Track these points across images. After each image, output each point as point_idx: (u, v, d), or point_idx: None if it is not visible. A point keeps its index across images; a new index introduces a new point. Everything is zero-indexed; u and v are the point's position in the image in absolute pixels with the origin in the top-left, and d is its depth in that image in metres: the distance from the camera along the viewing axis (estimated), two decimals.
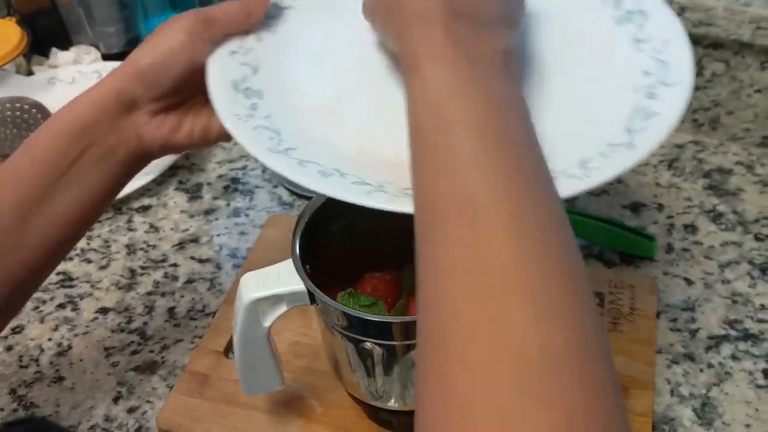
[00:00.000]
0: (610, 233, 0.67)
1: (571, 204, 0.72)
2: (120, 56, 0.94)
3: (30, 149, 0.45)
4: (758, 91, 0.75)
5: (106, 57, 0.94)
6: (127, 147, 0.47)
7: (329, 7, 0.52)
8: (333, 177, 0.41)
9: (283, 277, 0.45)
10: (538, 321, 0.27)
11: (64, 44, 0.94)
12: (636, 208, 0.72)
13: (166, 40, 0.46)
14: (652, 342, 0.58)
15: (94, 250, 0.70)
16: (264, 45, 0.50)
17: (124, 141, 0.46)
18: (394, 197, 0.39)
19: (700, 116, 0.79)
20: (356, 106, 0.47)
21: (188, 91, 0.47)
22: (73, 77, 0.91)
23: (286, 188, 0.75)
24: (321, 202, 0.49)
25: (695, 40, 0.73)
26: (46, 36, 0.94)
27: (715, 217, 0.71)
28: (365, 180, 0.41)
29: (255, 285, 0.45)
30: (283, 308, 0.46)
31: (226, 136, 0.44)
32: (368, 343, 0.45)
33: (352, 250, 0.52)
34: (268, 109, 0.46)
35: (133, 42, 0.94)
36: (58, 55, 0.93)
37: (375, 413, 0.53)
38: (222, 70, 0.47)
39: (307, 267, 0.46)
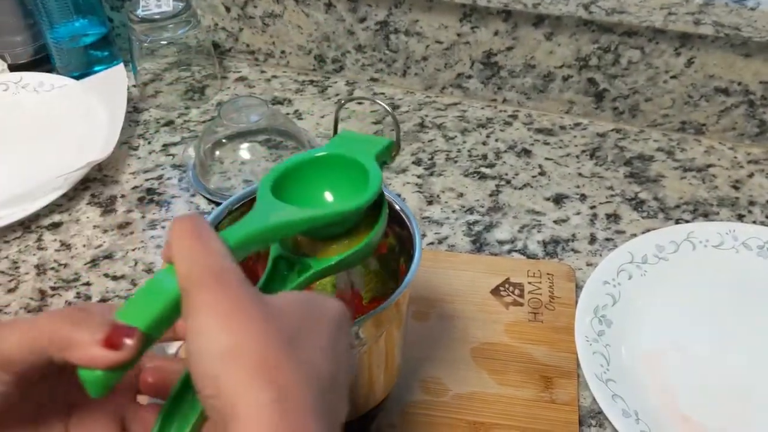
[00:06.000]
0: None
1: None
2: (28, 66, 0.90)
3: None
4: (674, 77, 0.75)
5: (13, 68, 0.90)
6: None
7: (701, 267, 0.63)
8: (629, 419, 0.51)
9: None
10: None
11: None
12: (559, 200, 0.72)
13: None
14: (573, 329, 0.58)
15: (2, 272, 0.67)
16: (633, 283, 0.61)
17: None
18: None
19: (620, 104, 0.79)
20: (676, 362, 0.57)
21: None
22: None
23: (204, 197, 0.73)
24: (219, 219, 0.47)
25: (609, 29, 0.73)
26: None
27: (637, 204, 0.71)
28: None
29: None
30: None
31: None
32: None
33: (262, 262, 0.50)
34: (610, 339, 0.57)
35: (41, 50, 0.90)
36: None
37: None
38: (592, 293, 0.59)
39: None
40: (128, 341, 0.28)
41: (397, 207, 0.46)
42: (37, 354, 0.29)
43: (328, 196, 0.42)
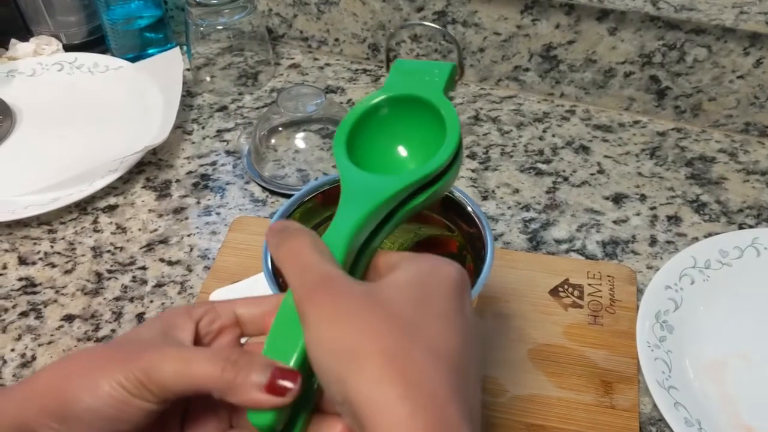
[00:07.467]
0: None
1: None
2: (82, 47, 0.90)
3: None
4: (741, 77, 0.73)
5: (67, 48, 0.90)
6: None
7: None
8: (692, 428, 0.50)
9: (256, 293, 0.42)
10: None
11: (24, 35, 0.90)
12: (618, 199, 0.70)
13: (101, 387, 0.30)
14: (634, 334, 0.57)
15: (59, 253, 0.67)
16: (695, 288, 0.60)
17: None
18: None
19: (682, 103, 0.77)
20: (740, 370, 0.55)
21: None
22: (33, 69, 0.87)
23: (259, 184, 0.72)
24: (290, 211, 0.47)
25: (676, 26, 0.71)
26: (3, 26, 0.90)
27: (699, 207, 0.69)
28: None
29: None
30: None
31: None
32: None
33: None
34: (672, 345, 0.56)
35: (96, 31, 0.90)
36: (18, 47, 0.89)
37: None
38: (653, 298, 0.58)
39: (281, 280, 0.44)
40: (290, 385, 0.28)
41: (470, 209, 0.45)
42: (196, 391, 0.30)
43: (402, 150, 0.39)
